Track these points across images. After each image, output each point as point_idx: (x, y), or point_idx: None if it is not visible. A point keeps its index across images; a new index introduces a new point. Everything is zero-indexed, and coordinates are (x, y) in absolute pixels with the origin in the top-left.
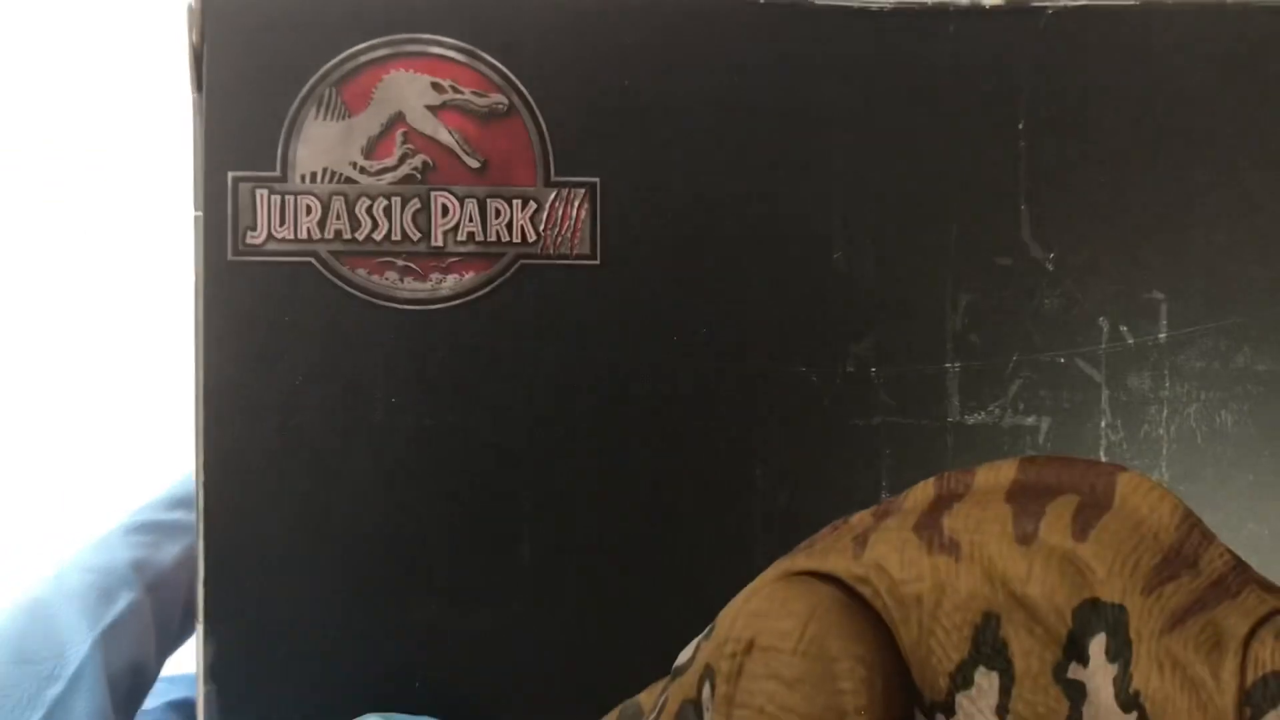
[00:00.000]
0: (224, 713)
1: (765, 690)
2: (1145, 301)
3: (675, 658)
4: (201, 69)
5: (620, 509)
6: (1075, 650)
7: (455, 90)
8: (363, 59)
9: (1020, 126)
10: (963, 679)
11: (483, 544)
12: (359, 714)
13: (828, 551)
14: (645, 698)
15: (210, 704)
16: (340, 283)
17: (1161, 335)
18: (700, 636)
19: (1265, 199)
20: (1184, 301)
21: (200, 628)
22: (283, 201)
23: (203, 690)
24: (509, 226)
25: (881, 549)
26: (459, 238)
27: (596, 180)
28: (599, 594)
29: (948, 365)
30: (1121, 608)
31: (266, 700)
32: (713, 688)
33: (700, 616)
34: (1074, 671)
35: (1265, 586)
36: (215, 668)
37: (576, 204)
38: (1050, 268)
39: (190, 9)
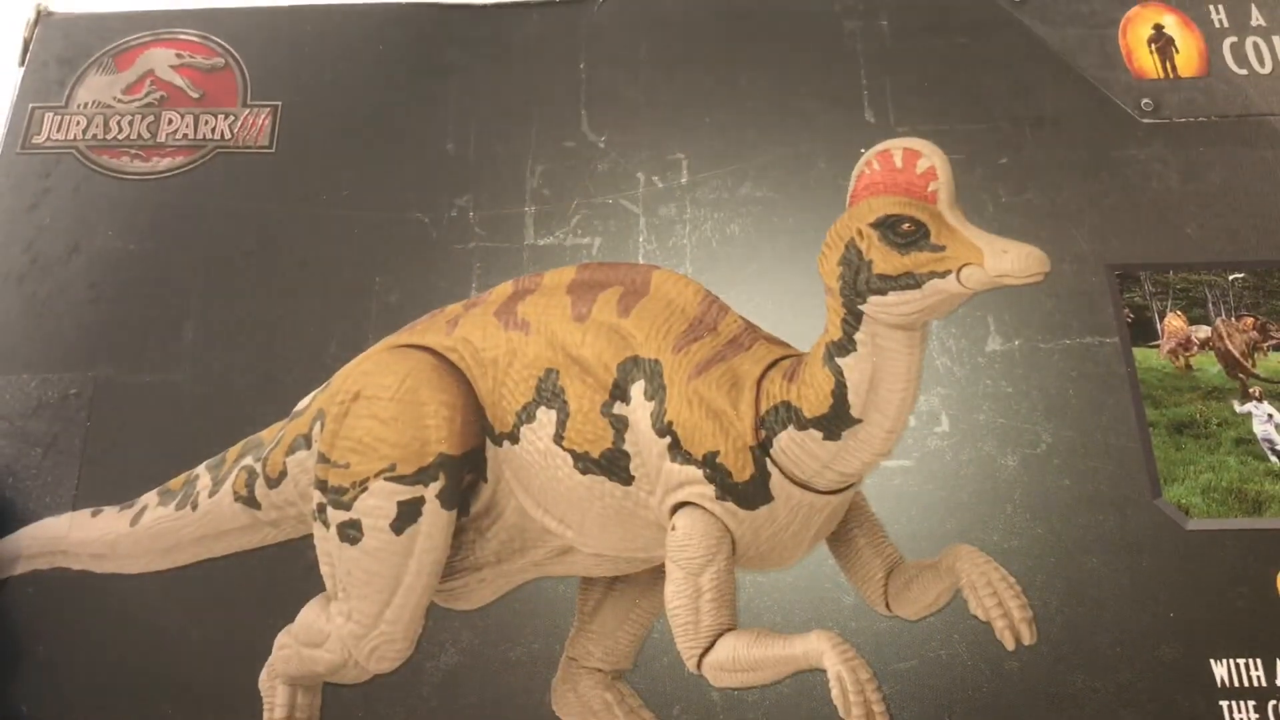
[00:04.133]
0: None
1: (364, 426)
2: (671, 160)
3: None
4: (27, 52)
5: (268, 303)
6: (619, 393)
7: (190, 57)
8: (134, 42)
9: (581, 66)
10: (527, 415)
11: (155, 326)
12: None
13: (426, 331)
14: (267, 434)
15: None
16: (89, 165)
17: (684, 180)
18: (318, 390)
19: (749, 91)
20: (699, 158)
21: None
22: (62, 119)
23: None
24: (213, 130)
25: (469, 328)
26: (176, 137)
27: (279, 103)
28: (241, 363)
29: (526, 208)
30: (657, 361)
31: None
32: (322, 426)
33: (321, 376)
34: (618, 409)
35: (771, 340)
36: None
37: (262, 116)
38: (602, 146)
39: (29, 20)
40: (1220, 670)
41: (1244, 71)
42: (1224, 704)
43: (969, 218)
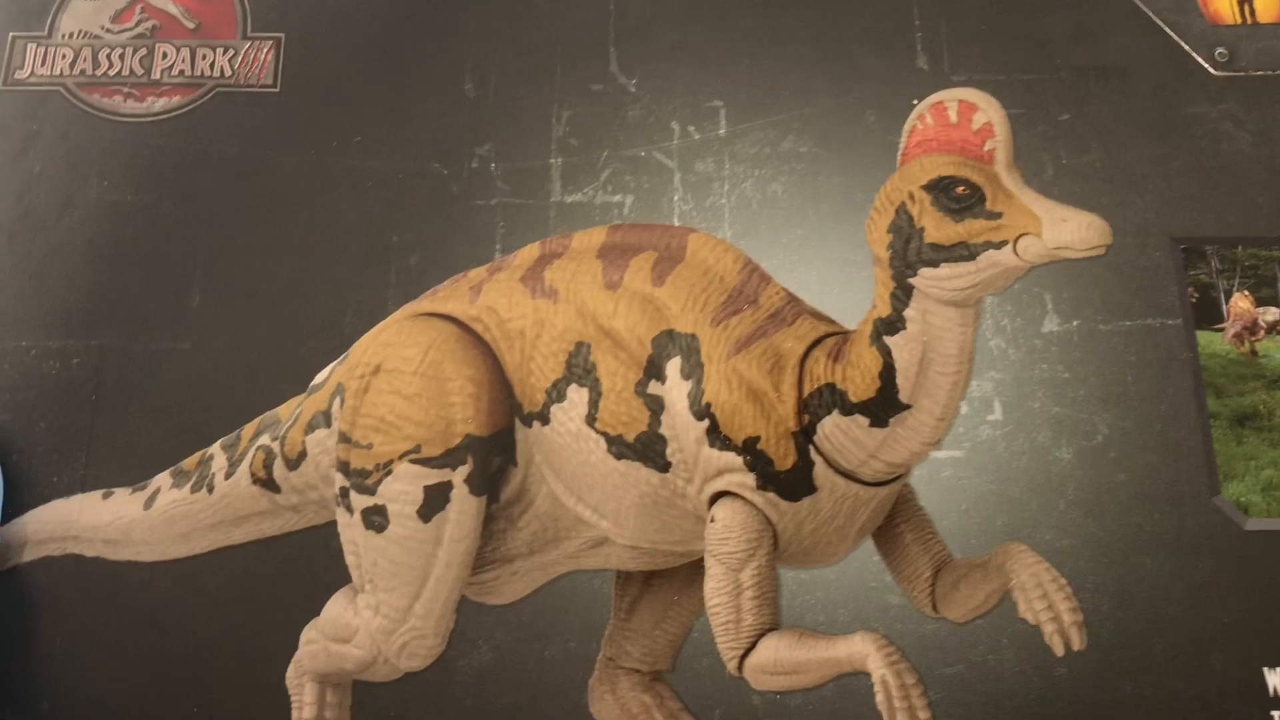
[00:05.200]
0: None
1: (387, 403)
2: (707, 109)
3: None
4: None
5: (279, 265)
6: (654, 371)
7: None
8: None
9: None
10: (557, 394)
11: (159, 289)
12: None
13: (448, 298)
14: (284, 410)
15: None
16: (79, 104)
17: (721, 131)
18: (336, 362)
19: (792, 32)
20: (738, 107)
21: None
22: (46, 50)
23: None
24: (212, 66)
25: (493, 295)
26: (172, 74)
27: (282, 35)
28: (253, 332)
29: (552, 160)
30: (694, 336)
31: None
32: (342, 402)
33: (337, 346)
34: (653, 388)
35: (816, 315)
36: None
37: (265, 51)
38: (633, 90)
39: None
40: (1274, 679)
41: None
42: (1277, 714)
43: (1027, 180)
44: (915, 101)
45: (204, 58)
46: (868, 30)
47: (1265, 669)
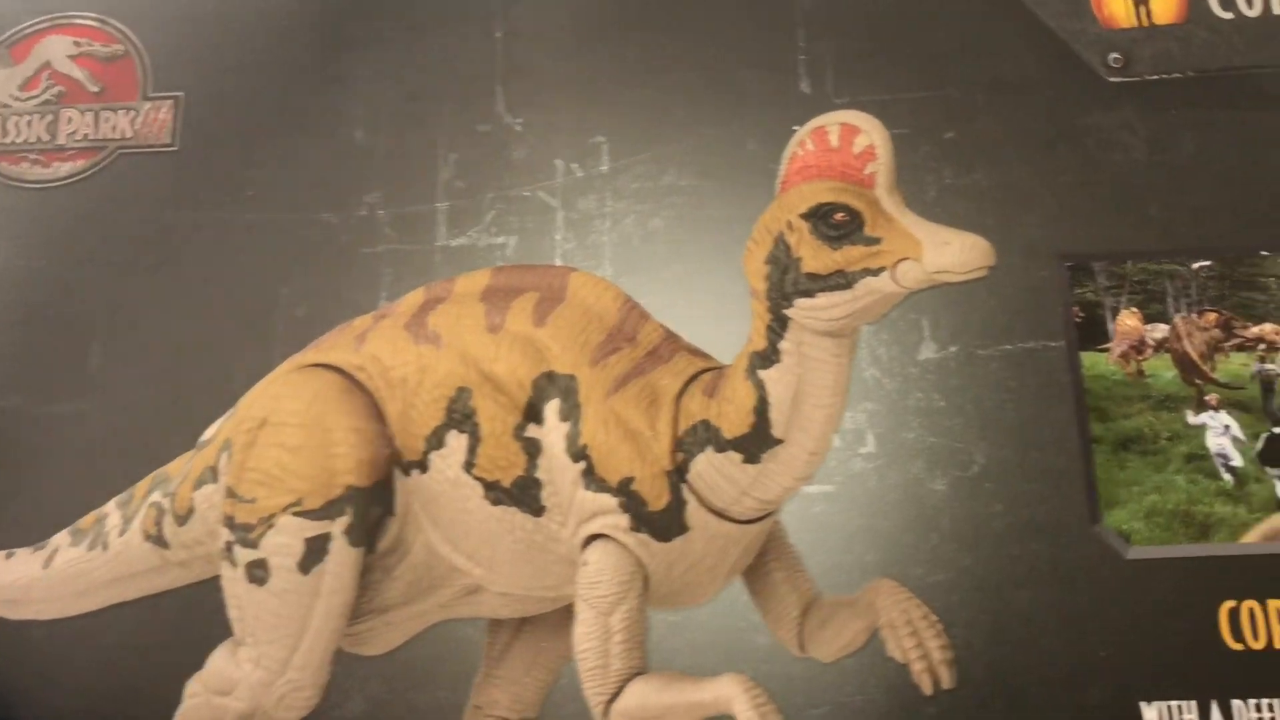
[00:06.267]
0: None
1: (272, 456)
2: (591, 144)
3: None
4: None
5: (175, 323)
6: (533, 414)
7: (89, 44)
8: (29, 30)
9: (498, 35)
10: (436, 440)
11: (61, 352)
12: None
13: (333, 348)
14: (173, 468)
15: None
16: None
17: (604, 168)
18: (224, 417)
19: (677, 60)
20: (621, 141)
21: None
22: None
23: None
24: (114, 128)
25: (377, 343)
26: (76, 138)
27: (181, 93)
28: (148, 391)
29: (438, 205)
30: (573, 377)
31: None
32: (230, 456)
33: (228, 401)
34: (531, 431)
35: (693, 352)
36: None
37: (164, 110)
38: (519, 129)
39: None
40: (1151, 714)
41: (1229, 15)
42: None
43: (910, 203)
44: (796, 127)
45: (106, 120)
46: (751, 55)
47: (1143, 704)
